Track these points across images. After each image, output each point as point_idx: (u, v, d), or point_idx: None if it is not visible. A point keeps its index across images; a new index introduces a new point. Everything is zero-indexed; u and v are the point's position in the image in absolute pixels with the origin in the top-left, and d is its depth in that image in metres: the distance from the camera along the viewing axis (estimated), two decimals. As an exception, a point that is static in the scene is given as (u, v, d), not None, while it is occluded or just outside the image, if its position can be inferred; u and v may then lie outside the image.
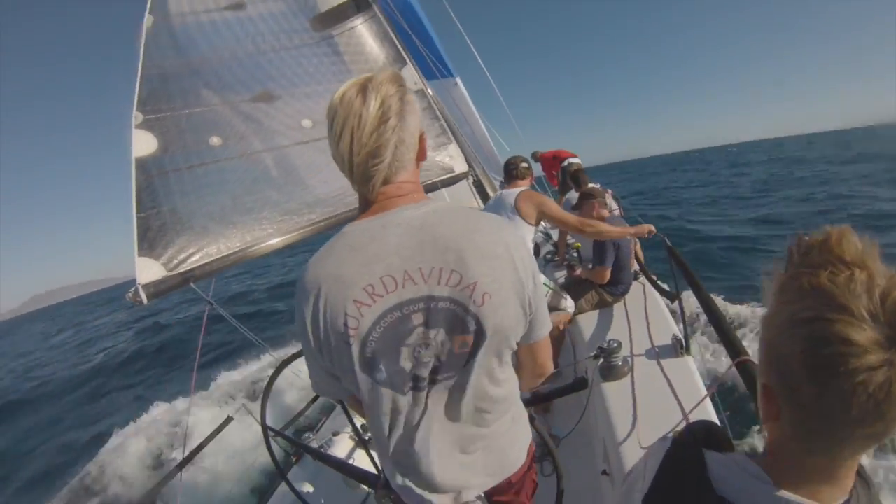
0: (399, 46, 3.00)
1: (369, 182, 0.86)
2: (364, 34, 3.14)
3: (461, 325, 0.83)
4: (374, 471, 1.74)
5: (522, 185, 2.90)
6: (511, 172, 2.93)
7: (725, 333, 1.76)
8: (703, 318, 5.60)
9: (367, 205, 0.89)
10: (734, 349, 1.64)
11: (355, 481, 1.90)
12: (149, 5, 3.09)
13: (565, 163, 5.88)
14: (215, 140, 2.68)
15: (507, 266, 0.84)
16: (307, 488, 2.54)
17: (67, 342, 23.55)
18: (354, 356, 0.83)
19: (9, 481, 7.35)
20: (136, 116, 2.80)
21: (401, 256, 0.82)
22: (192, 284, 2.19)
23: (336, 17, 3.16)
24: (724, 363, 4.94)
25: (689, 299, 2.64)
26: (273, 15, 3.21)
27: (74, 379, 13.16)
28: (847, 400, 0.44)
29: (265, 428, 2.07)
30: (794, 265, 0.51)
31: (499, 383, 0.91)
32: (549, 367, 1.06)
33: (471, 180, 3.09)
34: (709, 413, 1.84)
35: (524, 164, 2.94)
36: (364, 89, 0.84)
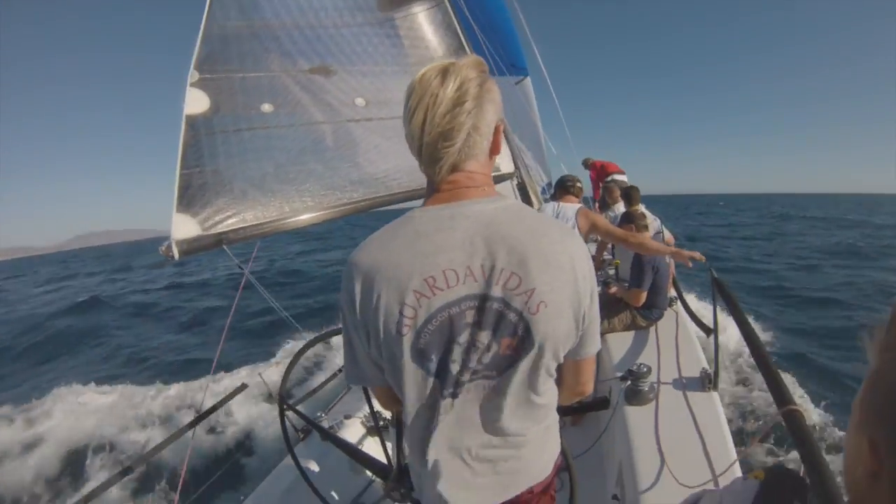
0: (462, 37, 2.93)
1: (437, 164, 0.85)
2: (426, 21, 3.10)
3: (511, 329, 0.81)
4: (384, 461, 1.71)
5: (574, 202, 3.10)
6: (568, 188, 3.16)
7: (773, 378, 1.66)
8: (735, 354, 5.46)
9: (433, 191, 0.88)
10: (781, 396, 1.55)
11: (362, 467, 1.88)
12: (218, -35, 3.10)
13: (609, 178, 5.84)
14: (267, 107, 2.67)
15: (568, 277, 0.82)
16: (312, 466, 2.53)
17: (36, 297, 23.20)
18: (406, 347, 0.82)
19: None
20: (193, 75, 2.80)
21: (465, 251, 0.80)
22: (224, 247, 2.16)
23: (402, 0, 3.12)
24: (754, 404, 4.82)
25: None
26: (340, -11, 3.19)
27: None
28: None
29: (281, 400, 2.06)
30: None
31: (540, 393, 0.89)
32: (590, 387, 1.03)
33: (515, 182, 3.03)
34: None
35: (579, 184, 3.18)
36: (445, 71, 0.83)
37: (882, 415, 0.48)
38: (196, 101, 2.76)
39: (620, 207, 5.14)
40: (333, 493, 2.46)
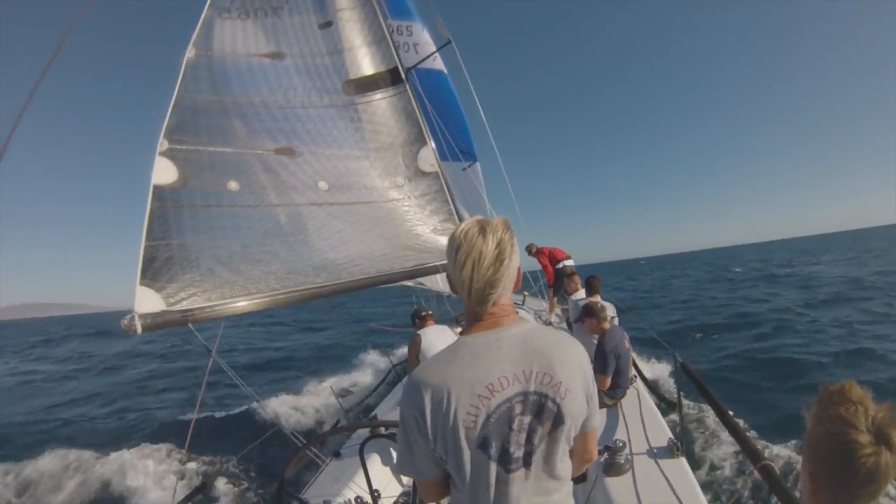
0: (422, 126, 3.23)
1: (484, 304, 1.12)
2: (387, 108, 3.36)
3: (548, 413, 1.08)
4: None
5: (431, 324, 4.03)
6: (424, 318, 4.05)
7: (743, 440, 2.02)
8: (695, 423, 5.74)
9: (476, 318, 1.16)
10: (754, 455, 1.90)
11: None
12: (193, 38, 3.27)
13: (560, 265, 6.43)
14: (233, 185, 2.82)
15: (578, 370, 1.13)
16: None
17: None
18: (472, 439, 1.05)
19: None
20: (162, 143, 2.93)
21: (511, 362, 1.08)
22: (190, 325, 2.27)
23: (367, 85, 3.39)
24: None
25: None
26: (308, 70, 3.42)
27: None
28: (857, 472, 0.86)
29: (281, 484, 2.20)
30: (823, 402, 0.95)
31: (565, 462, 1.15)
32: (595, 455, 1.30)
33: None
34: None
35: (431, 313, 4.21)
36: (483, 230, 1.11)
37: (812, 456, 0.96)
38: (164, 172, 2.87)
39: (579, 294, 5.61)
40: None
